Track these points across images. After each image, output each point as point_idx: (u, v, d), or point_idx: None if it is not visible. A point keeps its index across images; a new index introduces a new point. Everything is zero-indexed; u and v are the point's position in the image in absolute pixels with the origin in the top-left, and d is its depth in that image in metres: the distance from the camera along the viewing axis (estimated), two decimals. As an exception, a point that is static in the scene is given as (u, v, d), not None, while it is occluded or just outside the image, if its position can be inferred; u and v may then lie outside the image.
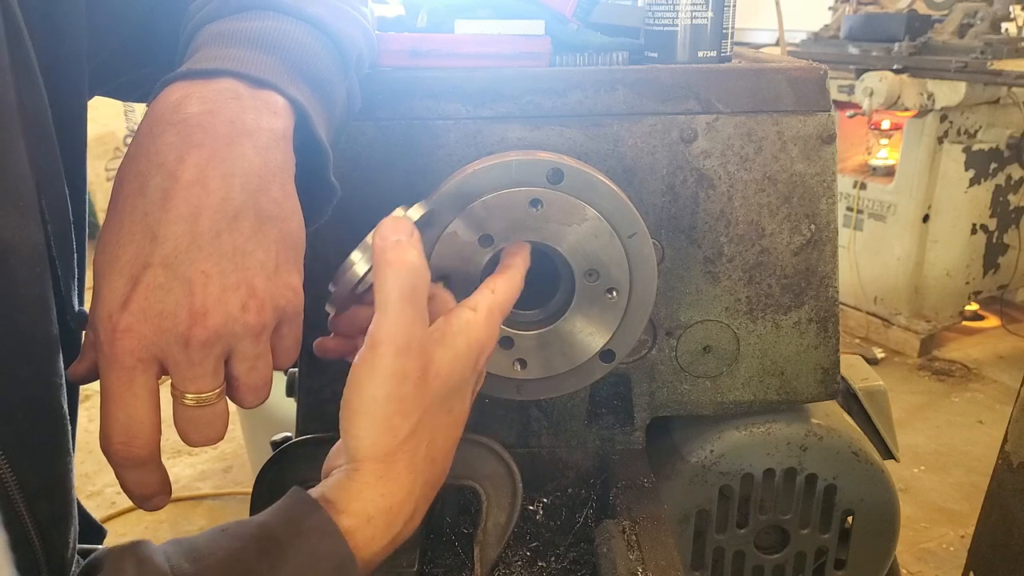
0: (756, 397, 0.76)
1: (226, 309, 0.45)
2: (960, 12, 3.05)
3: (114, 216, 0.46)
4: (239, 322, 0.45)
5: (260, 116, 0.48)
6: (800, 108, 0.69)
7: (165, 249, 0.44)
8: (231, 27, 0.52)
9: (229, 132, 0.46)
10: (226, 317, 0.45)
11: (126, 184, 0.46)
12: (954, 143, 3.09)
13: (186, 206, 0.44)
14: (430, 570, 0.68)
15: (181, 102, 0.47)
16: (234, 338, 0.46)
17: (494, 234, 0.61)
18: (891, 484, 0.78)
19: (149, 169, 0.45)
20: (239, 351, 0.47)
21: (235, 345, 0.46)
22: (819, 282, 0.73)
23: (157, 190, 0.45)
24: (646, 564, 0.61)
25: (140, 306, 0.44)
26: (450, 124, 0.68)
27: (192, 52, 0.51)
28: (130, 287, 0.44)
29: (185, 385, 0.46)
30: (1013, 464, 1.07)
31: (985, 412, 2.89)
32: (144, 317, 0.44)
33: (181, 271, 0.44)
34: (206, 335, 0.44)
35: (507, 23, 0.73)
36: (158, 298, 0.44)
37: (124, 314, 0.44)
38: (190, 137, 0.45)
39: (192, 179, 0.45)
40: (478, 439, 0.68)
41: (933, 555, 2.19)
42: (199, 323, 0.44)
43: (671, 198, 0.71)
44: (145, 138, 0.46)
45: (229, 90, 0.48)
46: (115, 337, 0.44)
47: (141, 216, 0.44)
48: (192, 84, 0.48)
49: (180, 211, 0.44)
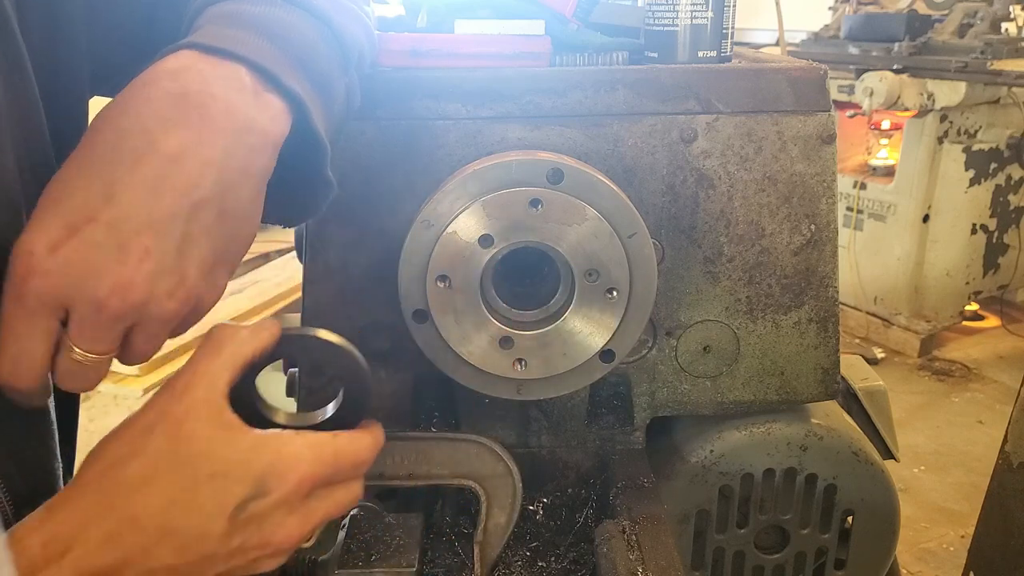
0: (756, 397, 0.76)
1: (152, 290, 0.44)
2: (960, 12, 3.06)
3: (78, 158, 0.45)
4: (160, 306, 0.45)
5: (258, 116, 0.47)
6: (800, 108, 0.69)
7: (116, 211, 0.43)
8: (239, 9, 0.51)
9: (223, 123, 0.45)
10: (149, 297, 0.44)
11: (102, 132, 0.45)
12: (954, 143, 3.09)
13: (154, 177, 0.43)
14: (430, 570, 0.68)
15: (183, 72, 0.46)
16: (148, 318, 0.45)
17: (494, 234, 0.61)
18: (891, 484, 0.78)
19: (132, 128, 0.44)
20: (145, 327, 0.46)
21: (144, 322, 0.45)
22: (819, 282, 0.73)
23: (131, 151, 0.43)
24: (646, 564, 0.61)
25: (67, 257, 0.42)
26: (450, 124, 0.68)
27: (195, 28, 0.51)
28: (65, 234, 0.43)
29: (80, 342, 0.44)
30: (1013, 464, 1.07)
31: (985, 412, 2.89)
32: (67, 268, 0.42)
33: (123, 238, 0.43)
34: (123, 308, 0.43)
35: (507, 23, 0.73)
36: (89, 255, 0.42)
37: (49, 258, 0.42)
38: (184, 114, 0.45)
39: (171, 154, 0.44)
40: (478, 439, 0.68)
41: (933, 555, 2.19)
42: (119, 294, 0.43)
43: (671, 198, 0.71)
44: (138, 96, 0.45)
45: (234, 78, 0.47)
46: (30, 276, 0.42)
47: (106, 169, 0.43)
48: (198, 57, 0.47)
49: (146, 180, 0.43)
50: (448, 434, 0.70)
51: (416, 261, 0.61)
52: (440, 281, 0.61)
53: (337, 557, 0.62)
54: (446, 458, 0.68)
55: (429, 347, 0.64)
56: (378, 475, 0.67)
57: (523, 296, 0.66)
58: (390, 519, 0.66)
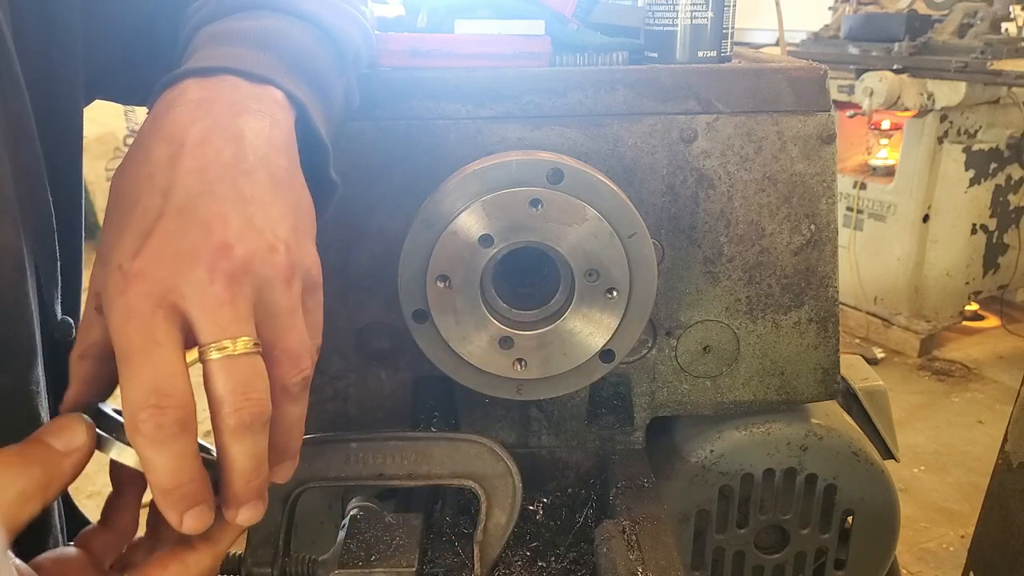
0: (756, 397, 0.76)
1: (252, 246, 0.40)
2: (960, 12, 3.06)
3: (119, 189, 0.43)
4: (267, 262, 0.41)
5: (262, 104, 0.47)
6: (800, 108, 0.69)
7: (177, 198, 0.40)
8: (228, 27, 0.52)
9: (232, 110, 0.45)
10: (253, 252, 0.40)
11: (130, 164, 0.43)
12: (954, 143, 3.09)
13: (195, 162, 0.42)
14: (430, 570, 0.68)
15: (181, 94, 0.46)
16: (263, 281, 0.40)
17: (494, 234, 0.61)
18: (891, 484, 0.78)
19: (152, 143, 0.43)
20: (271, 301, 0.41)
21: (265, 292, 0.41)
22: (819, 282, 0.73)
23: (163, 156, 0.42)
24: (646, 564, 0.61)
25: (155, 250, 0.39)
26: (450, 124, 0.68)
27: (190, 54, 0.51)
28: (142, 241, 0.40)
29: (213, 331, 0.39)
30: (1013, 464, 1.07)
31: (985, 412, 2.89)
32: (159, 259, 0.39)
33: (198, 215, 0.40)
34: (232, 267, 0.39)
35: (507, 23, 0.73)
36: (174, 241, 0.39)
37: (136, 260, 0.39)
38: (194, 112, 0.44)
39: (198, 141, 0.42)
40: (478, 439, 0.68)
41: (933, 555, 2.20)
42: (224, 255, 0.39)
43: (671, 198, 0.71)
44: (150, 127, 0.45)
45: (228, 83, 0.47)
46: (128, 286, 0.38)
47: (147, 179, 0.42)
48: (195, 81, 0.47)
49: (189, 167, 0.41)
50: (448, 434, 0.70)
51: (416, 261, 0.61)
52: (440, 281, 0.61)
53: (337, 557, 0.62)
54: (446, 458, 0.68)
55: (429, 347, 0.64)
56: (378, 475, 0.67)
57: (523, 296, 0.66)
58: (390, 519, 0.66)
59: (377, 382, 0.75)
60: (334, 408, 0.75)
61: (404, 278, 0.62)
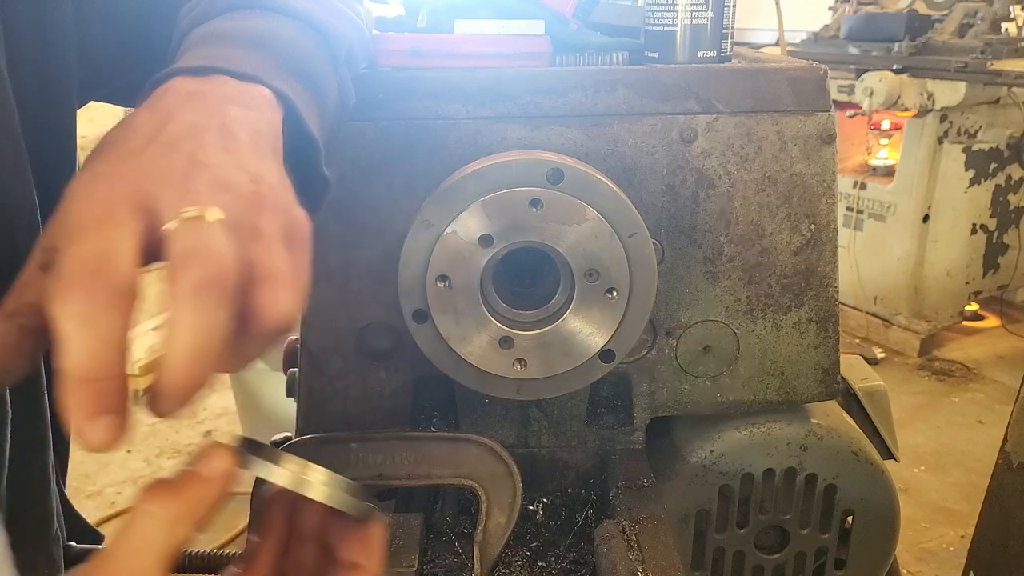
0: (756, 397, 0.76)
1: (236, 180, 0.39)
2: (960, 12, 3.05)
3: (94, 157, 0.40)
4: (250, 190, 0.39)
5: (250, 100, 0.47)
6: (800, 108, 0.69)
7: (162, 138, 0.39)
8: (219, 27, 0.52)
9: (220, 101, 0.45)
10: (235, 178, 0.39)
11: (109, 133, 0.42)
12: (954, 143, 3.09)
13: (182, 125, 0.41)
14: (430, 570, 0.68)
15: (171, 87, 0.46)
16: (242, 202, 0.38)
17: (494, 234, 0.61)
18: (891, 484, 0.78)
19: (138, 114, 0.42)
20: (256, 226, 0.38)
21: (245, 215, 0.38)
22: (819, 282, 0.73)
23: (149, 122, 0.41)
24: (646, 564, 0.61)
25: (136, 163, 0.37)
26: (450, 124, 0.68)
27: (181, 54, 0.51)
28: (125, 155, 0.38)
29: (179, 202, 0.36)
30: (1013, 464, 1.07)
31: (985, 412, 2.89)
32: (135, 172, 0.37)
33: (184, 147, 0.39)
34: (212, 177, 0.37)
35: (507, 23, 0.73)
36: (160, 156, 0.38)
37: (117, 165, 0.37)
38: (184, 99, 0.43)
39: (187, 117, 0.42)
40: (478, 439, 0.68)
41: (933, 555, 2.19)
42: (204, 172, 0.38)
43: (671, 198, 0.71)
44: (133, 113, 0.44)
45: (218, 80, 0.47)
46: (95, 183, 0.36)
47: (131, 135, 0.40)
48: (183, 79, 0.47)
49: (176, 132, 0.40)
50: (448, 434, 0.70)
51: (416, 261, 0.61)
52: (440, 281, 0.61)
53: (337, 557, 0.62)
54: (446, 458, 0.68)
55: (429, 347, 0.64)
56: (378, 475, 0.67)
57: (523, 296, 0.66)
58: (390, 519, 0.66)
59: (377, 382, 0.75)
60: (334, 408, 0.75)
61: (404, 278, 0.62)
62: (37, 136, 0.53)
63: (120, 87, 0.67)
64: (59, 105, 0.57)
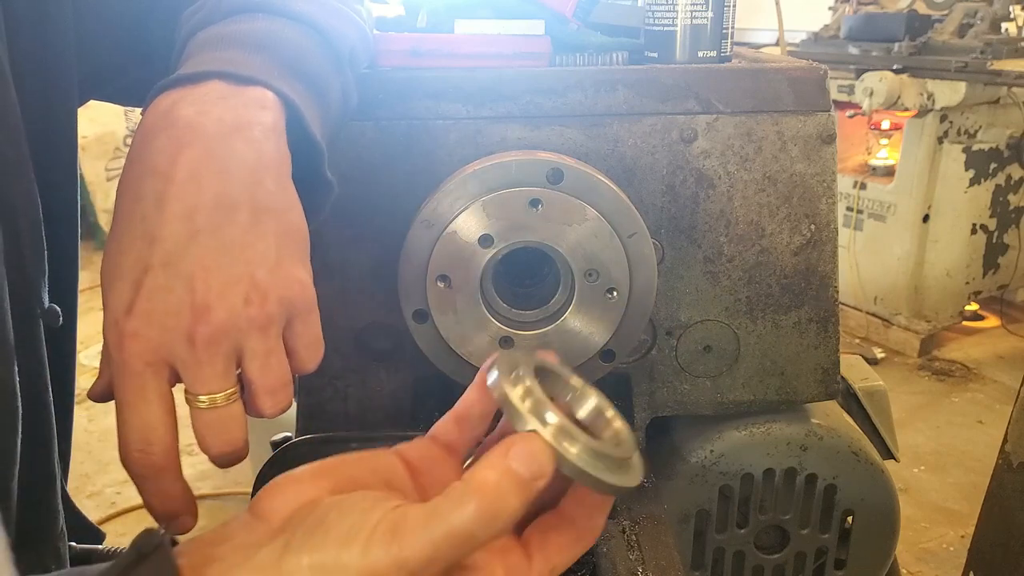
0: (756, 397, 0.76)
1: (229, 304, 0.44)
2: (960, 12, 3.05)
3: (116, 226, 0.46)
4: (243, 316, 0.45)
5: (249, 111, 0.48)
6: (800, 108, 0.69)
7: (164, 249, 0.44)
8: (221, 31, 0.52)
9: (219, 129, 0.46)
10: (230, 312, 0.44)
11: (124, 193, 0.46)
12: (954, 143, 3.09)
13: (180, 205, 0.44)
14: (430, 570, 0.68)
15: (171, 108, 0.47)
16: (240, 334, 0.45)
17: (494, 234, 0.61)
18: (891, 484, 0.78)
19: (143, 174, 0.46)
20: (248, 349, 0.46)
21: (243, 342, 0.46)
22: (819, 282, 0.73)
23: (152, 193, 0.45)
24: (646, 564, 0.61)
25: (144, 308, 0.44)
26: (450, 124, 0.68)
27: (184, 59, 0.52)
28: (134, 292, 0.44)
29: (196, 387, 0.45)
30: (1013, 464, 1.07)
31: (985, 412, 2.89)
32: (149, 320, 0.44)
33: (182, 268, 0.44)
34: (210, 331, 0.44)
35: (507, 23, 0.73)
36: (161, 299, 0.44)
37: (129, 319, 0.44)
38: (180, 138, 0.46)
39: (185, 178, 0.45)
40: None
41: (933, 555, 2.19)
42: (202, 319, 0.44)
43: (671, 198, 0.71)
44: (138, 146, 0.47)
45: (215, 91, 0.48)
46: (123, 343, 0.44)
47: (139, 221, 0.45)
48: (181, 90, 0.48)
49: (175, 211, 0.44)
50: (448, 434, 0.70)
51: (416, 261, 0.61)
52: (440, 281, 0.61)
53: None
54: (446, 458, 0.67)
55: (429, 347, 0.64)
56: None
57: (523, 296, 0.66)
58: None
59: (377, 382, 0.75)
60: (334, 408, 0.75)
61: (404, 278, 0.62)
62: (39, 135, 0.54)
63: (119, 87, 0.67)
64: (60, 104, 0.57)
